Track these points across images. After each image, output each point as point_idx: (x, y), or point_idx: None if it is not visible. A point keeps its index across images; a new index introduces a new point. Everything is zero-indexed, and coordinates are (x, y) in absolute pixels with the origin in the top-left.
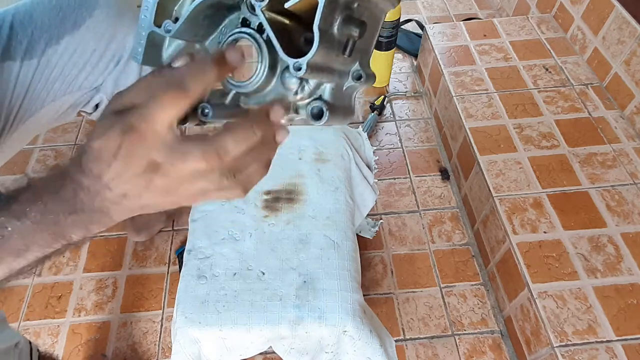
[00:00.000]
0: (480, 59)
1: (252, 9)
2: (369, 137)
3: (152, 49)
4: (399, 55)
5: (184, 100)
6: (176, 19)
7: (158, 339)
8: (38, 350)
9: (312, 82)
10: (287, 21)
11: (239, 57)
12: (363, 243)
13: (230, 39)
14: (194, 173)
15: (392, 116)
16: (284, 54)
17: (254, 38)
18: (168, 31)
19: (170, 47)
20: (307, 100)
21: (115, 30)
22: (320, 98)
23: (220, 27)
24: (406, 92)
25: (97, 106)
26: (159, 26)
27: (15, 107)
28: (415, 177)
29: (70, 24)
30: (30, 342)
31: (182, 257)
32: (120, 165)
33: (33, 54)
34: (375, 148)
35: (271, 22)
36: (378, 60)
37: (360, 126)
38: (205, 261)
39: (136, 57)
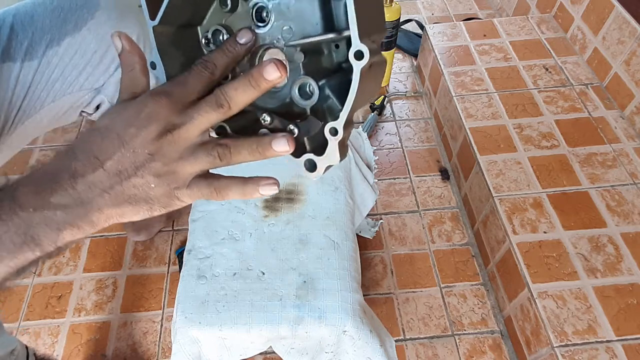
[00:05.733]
0: (480, 59)
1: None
2: (369, 137)
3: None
4: (399, 55)
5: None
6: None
7: (158, 339)
8: (35, 354)
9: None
10: None
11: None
12: (363, 243)
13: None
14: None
15: (392, 116)
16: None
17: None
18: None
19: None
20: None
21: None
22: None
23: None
24: (406, 92)
25: (98, 107)
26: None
27: (15, 108)
28: (415, 177)
29: (72, 25)
30: (27, 347)
31: (182, 257)
32: (134, 130)
33: (33, 55)
34: (375, 148)
35: None
36: None
37: (360, 126)
38: (205, 261)
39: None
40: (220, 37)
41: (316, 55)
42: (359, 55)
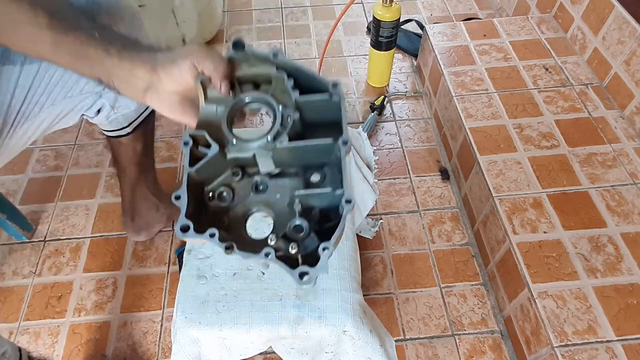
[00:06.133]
0: (480, 59)
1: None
2: (369, 137)
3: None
4: (399, 55)
5: None
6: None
7: (158, 339)
8: (30, 356)
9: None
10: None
11: None
12: (363, 243)
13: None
14: None
15: (392, 116)
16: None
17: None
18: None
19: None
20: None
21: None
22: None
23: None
24: (406, 92)
25: (99, 111)
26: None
27: (15, 111)
28: (415, 177)
29: None
30: (20, 349)
31: (182, 257)
32: None
33: (33, 59)
34: (375, 148)
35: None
36: (378, 60)
37: (360, 126)
38: (205, 261)
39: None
40: (224, 194)
41: (309, 210)
42: (348, 202)
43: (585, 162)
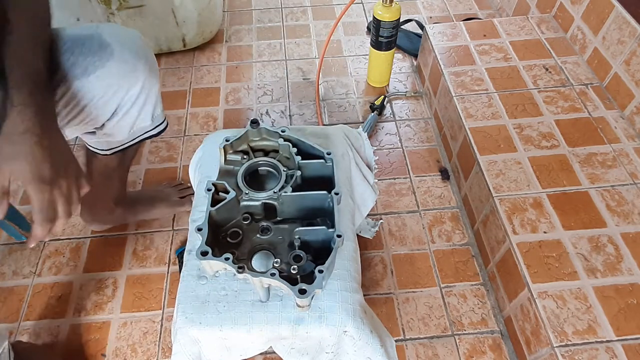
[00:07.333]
0: (480, 59)
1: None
2: (369, 137)
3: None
4: (399, 55)
5: None
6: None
7: (158, 339)
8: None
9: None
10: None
11: None
12: (363, 243)
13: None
14: None
15: (392, 116)
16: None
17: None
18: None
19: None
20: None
21: (124, 82)
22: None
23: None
24: (406, 92)
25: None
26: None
27: None
28: (415, 177)
29: (80, 70)
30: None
31: (182, 257)
32: None
33: None
34: (375, 148)
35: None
36: (378, 60)
37: (360, 126)
38: None
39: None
40: (235, 234)
41: (307, 245)
42: (339, 236)
43: (585, 162)
